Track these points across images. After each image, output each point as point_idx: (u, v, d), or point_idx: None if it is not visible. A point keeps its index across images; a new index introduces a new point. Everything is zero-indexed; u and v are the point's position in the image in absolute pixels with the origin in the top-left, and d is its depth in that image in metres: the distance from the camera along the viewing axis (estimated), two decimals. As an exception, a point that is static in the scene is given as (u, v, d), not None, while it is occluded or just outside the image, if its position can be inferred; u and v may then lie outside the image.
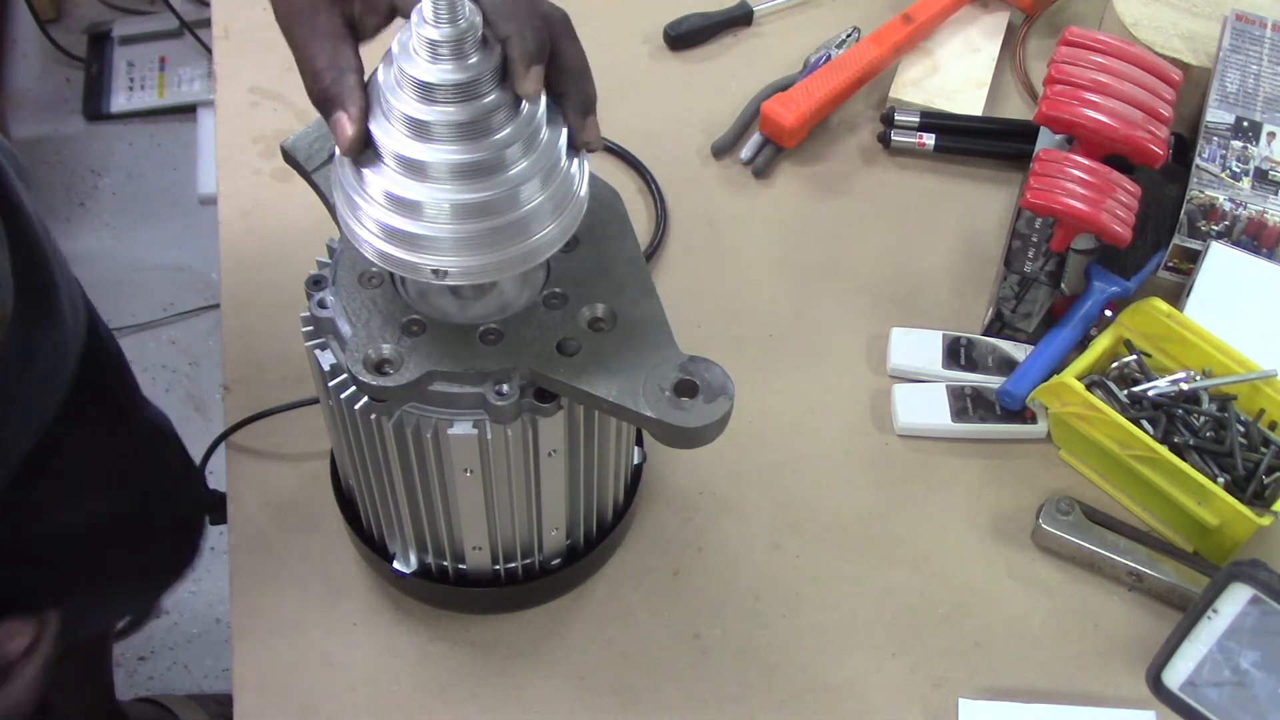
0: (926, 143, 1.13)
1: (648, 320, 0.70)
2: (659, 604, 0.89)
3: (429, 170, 0.62)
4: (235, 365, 0.99)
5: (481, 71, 0.61)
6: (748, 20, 1.23)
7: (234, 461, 0.94)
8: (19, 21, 2.54)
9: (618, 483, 0.84)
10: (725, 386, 0.67)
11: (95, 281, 2.18)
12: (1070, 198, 0.94)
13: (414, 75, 0.61)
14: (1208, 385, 0.93)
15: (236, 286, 1.03)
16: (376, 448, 0.74)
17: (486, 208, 0.63)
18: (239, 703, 0.84)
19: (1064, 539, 0.90)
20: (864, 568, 0.91)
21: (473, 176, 0.62)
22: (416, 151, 0.62)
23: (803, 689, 0.86)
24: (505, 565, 0.83)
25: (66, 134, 2.41)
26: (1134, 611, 0.90)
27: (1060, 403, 0.93)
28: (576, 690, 0.85)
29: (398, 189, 0.63)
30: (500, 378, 0.68)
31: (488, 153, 0.62)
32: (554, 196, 0.65)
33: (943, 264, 1.08)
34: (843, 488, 0.95)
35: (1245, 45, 1.09)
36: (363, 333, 0.68)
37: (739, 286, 1.06)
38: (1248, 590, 0.79)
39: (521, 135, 0.63)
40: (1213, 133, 1.04)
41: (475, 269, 0.64)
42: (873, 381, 1.00)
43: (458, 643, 0.87)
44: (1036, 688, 0.86)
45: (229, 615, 0.87)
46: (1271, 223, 1.00)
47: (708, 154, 1.14)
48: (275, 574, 0.89)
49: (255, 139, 1.12)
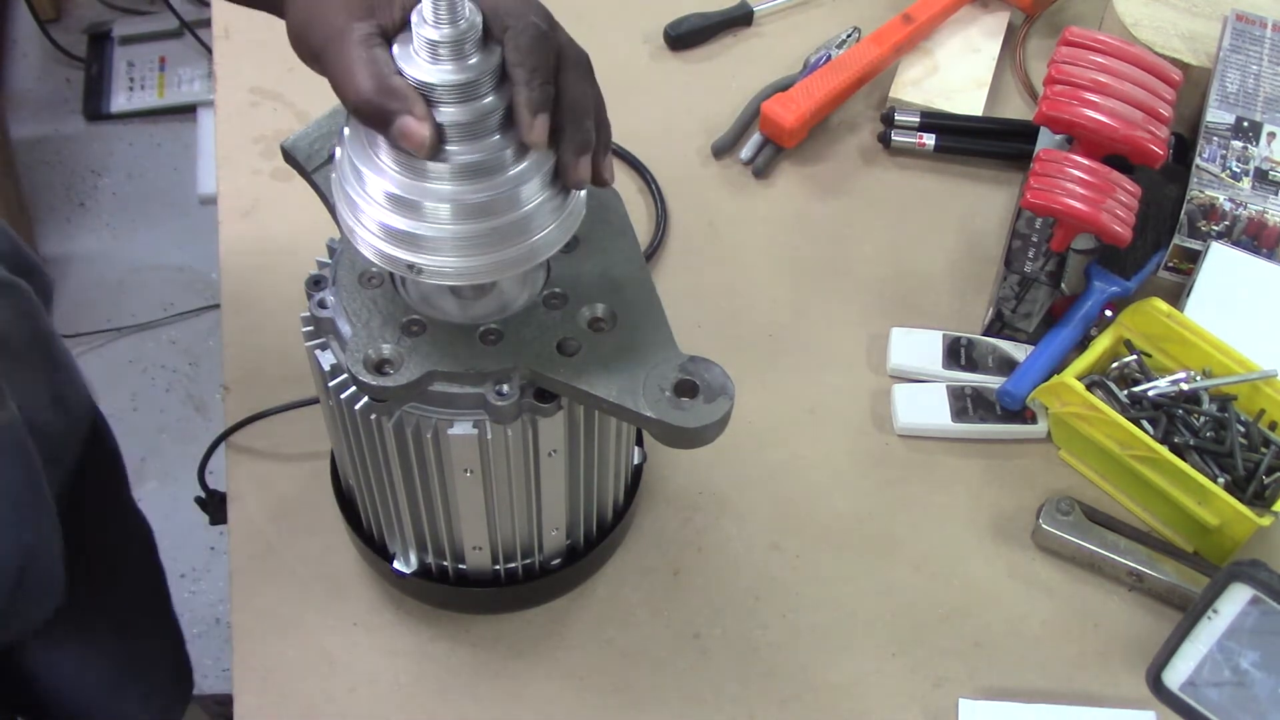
0: (926, 143, 1.13)
1: (648, 320, 0.70)
2: (659, 604, 0.89)
3: (429, 170, 0.62)
4: (235, 365, 0.99)
5: (481, 72, 0.61)
6: (748, 20, 1.23)
7: (234, 461, 0.94)
8: (19, 21, 2.54)
9: (618, 483, 0.84)
10: (725, 386, 0.67)
11: (95, 281, 2.21)
12: (1070, 198, 0.94)
13: (414, 76, 0.61)
14: (1208, 385, 0.93)
15: (236, 286, 1.03)
16: (376, 448, 0.74)
17: (486, 208, 0.63)
18: (239, 703, 0.84)
19: (1064, 539, 0.90)
20: (864, 568, 0.91)
21: (473, 177, 0.62)
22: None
23: (803, 689, 0.86)
24: (505, 565, 0.83)
25: (66, 134, 2.41)
26: (1134, 611, 0.90)
27: (1060, 403, 0.93)
28: (576, 690, 0.85)
29: (398, 189, 0.63)
30: (500, 378, 0.68)
31: (487, 153, 0.62)
32: (554, 197, 0.65)
33: (943, 264, 1.08)
34: (843, 488, 0.95)
35: (1245, 45, 1.09)
36: (363, 333, 0.68)
37: (739, 286, 1.06)
38: (1248, 590, 0.79)
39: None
40: (1213, 133, 1.04)
41: (475, 269, 0.64)
42: (873, 381, 1.00)
43: (458, 643, 0.87)
44: (1036, 688, 0.86)
45: (229, 615, 0.87)
46: (1272, 223, 1.00)
47: (708, 154, 1.14)
48: (275, 574, 0.89)
49: (255, 139, 1.12)
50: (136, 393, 2.09)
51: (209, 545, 1.47)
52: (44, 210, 2.30)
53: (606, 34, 1.19)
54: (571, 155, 0.64)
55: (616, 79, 1.20)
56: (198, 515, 0.99)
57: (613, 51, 1.19)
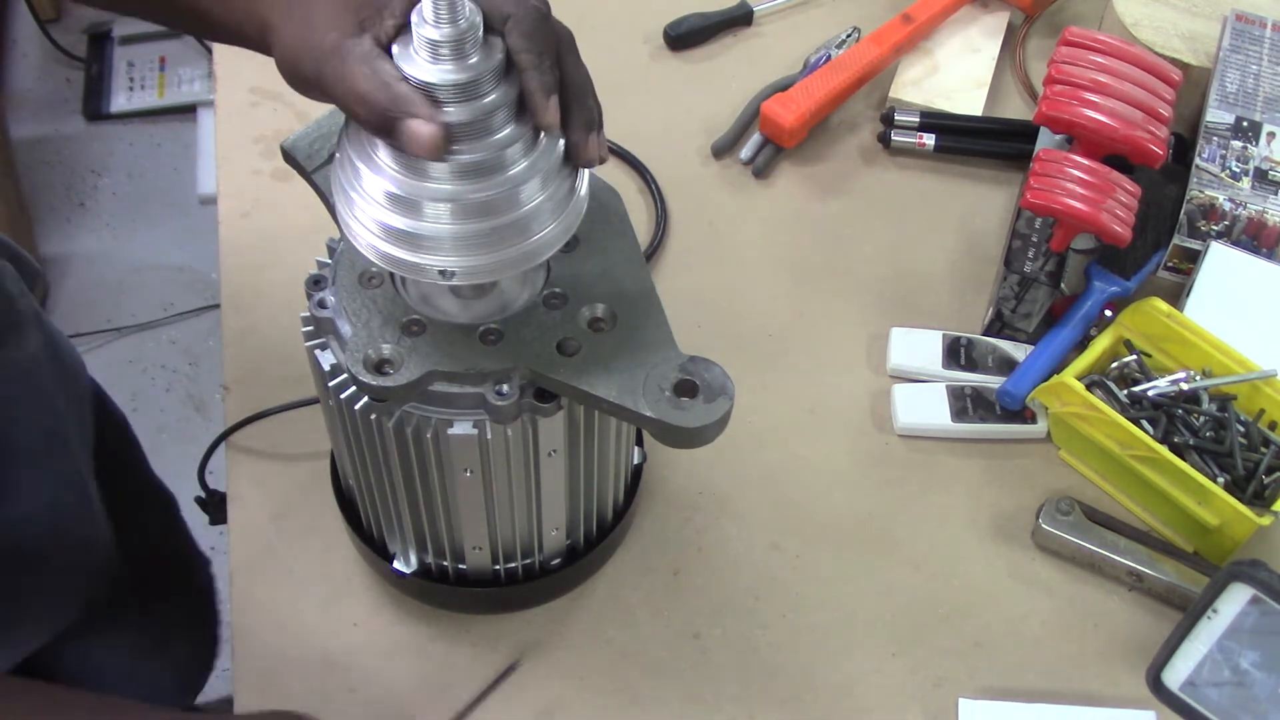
0: (926, 143, 1.13)
1: (647, 320, 0.70)
2: (659, 604, 0.89)
3: (429, 170, 0.62)
4: (235, 365, 0.99)
5: (482, 71, 0.61)
6: (748, 20, 1.23)
7: (234, 461, 0.94)
8: (19, 21, 2.54)
9: (617, 483, 0.84)
10: (725, 386, 0.67)
11: (95, 281, 2.21)
12: (1070, 198, 0.94)
13: (415, 75, 0.61)
14: (1208, 385, 0.93)
15: (236, 286, 1.03)
16: (377, 448, 0.74)
17: (487, 207, 0.63)
18: (239, 703, 0.84)
19: (1064, 539, 0.90)
20: (864, 568, 0.91)
21: (473, 176, 0.62)
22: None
23: (803, 689, 0.86)
24: (505, 565, 0.83)
25: (66, 134, 2.41)
26: (1134, 611, 0.90)
27: (1060, 403, 0.93)
28: (576, 690, 0.85)
29: (398, 189, 0.63)
30: (500, 378, 0.68)
31: (488, 152, 0.62)
32: (554, 196, 0.65)
33: (943, 264, 1.08)
34: (843, 488, 0.95)
35: (1245, 45, 1.09)
36: (363, 333, 0.68)
37: (739, 286, 1.06)
38: (1248, 590, 0.79)
39: (522, 135, 0.63)
40: (1213, 133, 1.04)
41: (475, 269, 0.64)
42: (873, 381, 1.00)
43: (458, 643, 0.87)
44: (1036, 688, 0.86)
45: (229, 615, 0.87)
46: (1271, 223, 1.00)
47: (708, 154, 1.14)
48: (275, 574, 0.89)
49: (255, 139, 1.12)
50: (136, 393, 2.09)
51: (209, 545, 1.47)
52: (44, 210, 2.30)
53: (606, 34, 1.19)
54: (581, 134, 0.64)
55: (616, 79, 1.20)
56: (198, 515, 0.99)
57: (613, 51, 1.19)
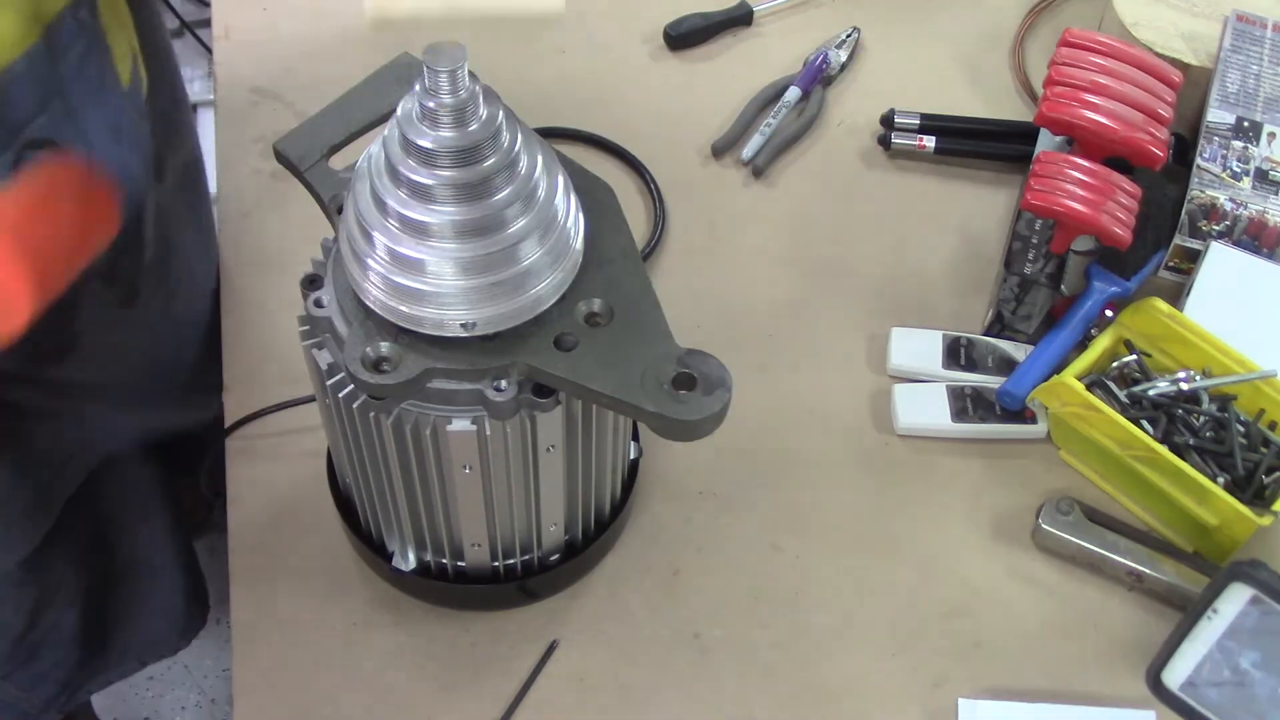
0: (927, 145, 1.13)
1: (644, 314, 0.70)
2: (658, 603, 0.89)
3: (431, 230, 0.64)
4: (235, 365, 0.99)
5: (482, 137, 0.63)
6: (748, 20, 1.24)
7: (234, 461, 0.94)
8: (21, 24, 2.54)
9: (615, 477, 0.85)
10: (723, 379, 0.67)
11: (97, 284, 2.20)
12: (1070, 199, 0.94)
13: (417, 141, 0.63)
14: (1208, 385, 0.92)
15: (236, 286, 1.03)
16: (375, 446, 0.74)
17: (487, 264, 0.65)
18: (239, 703, 0.84)
19: (1064, 539, 0.90)
20: (864, 568, 0.91)
21: (474, 235, 0.65)
22: (419, 213, 0.64)
23: (803, 689, 0.86)
24: (504, 562, 0.83)
25: (68, 136, 2.40)
26: (1134, 611, 0.90)
27: (1060, 403, 0.93)
28: (576, 690, 0.85)
29: (402, 248, 0.65)
30: (498, 374, 0.68)
31: (488, 212, 0.65)
32: (551, 250, 0.67)
33: (943, 265, 1.08)
34: (843, 488, 0.95)
35: (1246, 45, 1.09)
36: (360, 331, 0.68)
37: (739, 286, 1.06)
38: (1248, 590, 0.79)
39: (520, 195, 0.65)
40: (1213, 133, 1.04)
41: (477, 322, 0.67)
42: (873, 381, 1.00)
43: (458, 642, 0.87)
44: (1036, 688, 0.86)
45: (229, 615, 0.87)
46: (1272, 223, 1.00)
47: (708, 154, 1.14)
48: (275, 574, 0.89)
49: (255, 139, 1.12)
50: (137, 395, 2.08)
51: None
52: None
53: (606, 34, 1.19)
54: None
55: (616, 79, 1.21)
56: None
57: (613, 51, 1.19)
